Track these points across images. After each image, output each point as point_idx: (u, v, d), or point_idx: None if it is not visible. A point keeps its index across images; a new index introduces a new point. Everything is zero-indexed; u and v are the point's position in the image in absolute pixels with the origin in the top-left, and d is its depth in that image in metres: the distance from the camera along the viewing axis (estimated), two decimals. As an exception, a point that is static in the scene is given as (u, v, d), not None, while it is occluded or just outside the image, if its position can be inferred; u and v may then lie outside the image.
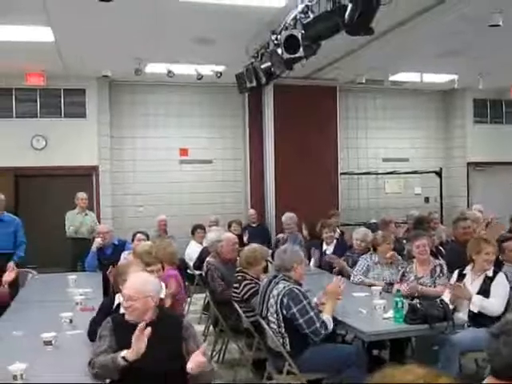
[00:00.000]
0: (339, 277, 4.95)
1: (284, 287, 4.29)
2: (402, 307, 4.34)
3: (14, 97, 10.38)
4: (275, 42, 6.57)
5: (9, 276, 5.49)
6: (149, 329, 3.10)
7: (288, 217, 8.76)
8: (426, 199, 12.78)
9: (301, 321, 4.16)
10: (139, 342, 3.08)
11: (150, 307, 3.38)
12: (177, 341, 3.32)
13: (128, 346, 3.11)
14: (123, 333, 3.23)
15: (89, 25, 7.37)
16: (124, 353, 3.10)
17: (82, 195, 9.08)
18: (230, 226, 9.60)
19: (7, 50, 8.32)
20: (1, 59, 8.88)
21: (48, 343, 3.76)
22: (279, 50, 6.21)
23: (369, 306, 4.74)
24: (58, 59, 9.11)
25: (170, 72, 9.39)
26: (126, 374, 3.11)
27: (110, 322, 3.40)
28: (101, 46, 8.45)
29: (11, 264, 5.83)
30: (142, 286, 3.42)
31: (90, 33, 7.73)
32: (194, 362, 3.14)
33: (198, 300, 7.85)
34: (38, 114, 10.50)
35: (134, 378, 3.10)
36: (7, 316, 4.99)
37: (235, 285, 5.28)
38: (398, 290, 4.76)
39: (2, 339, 4.14)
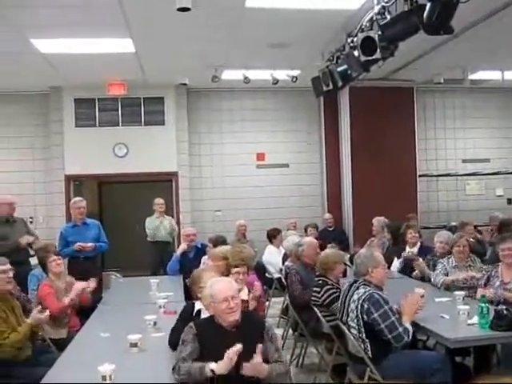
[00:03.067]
0: (421, 290, 4.78)
1: (364, 292, 4.23)
2: (488, 313, 4.20)
3: (96, 106, 10.78)
4: (351, 44, 6.52)
5: (87, 285, 5.65)
6: (240, 346, 3.13)
7: (375, 220, 8.66)
8: (509, 201, 12.32)
9: (382, 326, 4.09)
10: (231, 360, 3.12)
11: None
12: (260, 343, 3.33)
13: (211, 350, 3.16)
14: (206, 337, 3.29)
15: (167, 35, 7.57)
16: (213, 366, 3.15)
17: (158, 201, 9.30)
18: (305, 230, 9.58)
19: (90, 62, 8.68)
20: (84, 71, 9.27)
21: (134, 345, 3.86)
22: (356, 53, 6.17)
23: (451, 312, 4.61)
24: (138, 69, 9.40)
25: (245, 78, 9.49)
26: (212, 379, 3.16)
27: (192, 327, 3.45)
28: (179, 55, 8.65)
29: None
30: (234, 287, 3.50)
31: (169, 42, 7.93)
32: (250, 364, 3.18)
33: (276, 304, 7.88)
34: (120, 123, 10.85)
35: (218, 381, 3.15)
36: (95, 317, 5.20)
37: (316, 289, 5.26)
38: (483, 296, 4.60)
39: (91, 340, 4.33)
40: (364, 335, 4.21)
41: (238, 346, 3.12)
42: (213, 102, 11.44)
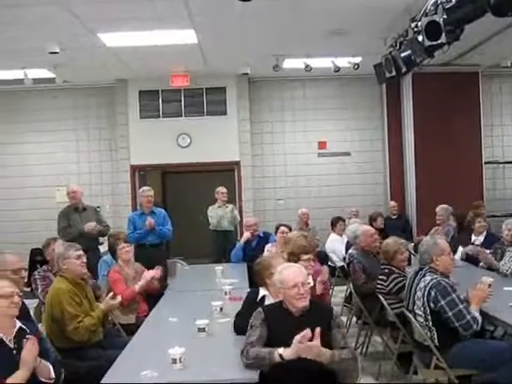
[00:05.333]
0: (488, 279, 4.67)
1: (431, 279, 4.18)
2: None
3: (160, 98, 11.00)
4: (415, 29, 6.43)
5: (149, 274, 5.80)
6: (308, 331, 3.16)
7: (440, 208, 8.50)
8: None
9: (450, 314, 4.04)
10: (300, 344, 3.15)
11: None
12: (328, 330, 3.36)
13: (279, 336, 3.21)
14: (275, 323, 3.34)
15: (229, 25, 7.65)
16: (282, 350, 3.19)
17: (221, 189, 9.35)
18: (374, 219, 9.42)
19: (154, 54, 8.85)
20: (148, 63, 9.47)
21: (202, 330, 3.95)
22: (420, 38, 6.09)
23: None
24: (201, 60, 9.53)
25: (307, 66, 9.46)
26: (280, 364, 3.20)
27: (261, 312, 3.49)
28: (240, 45, 8.72)
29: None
30: (304, 273, 3.53)
31: (231, 32, 8.01)
32: (306, 345, 3.19)
33: (339, 292, 7.87)
34: (183, 114, 11.04)
35: (288, 367, 3.18)
36: (163, 303, 5.35)
37: (381, 277, 5.23)
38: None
39: (160, 325, 4.46)
40: (431, 323, 4.17)
41: (307, 331, 3.15)
42: (274, 91, 11.48)
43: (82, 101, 11.33)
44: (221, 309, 4.57)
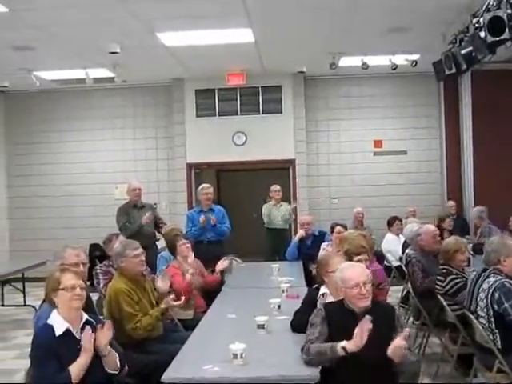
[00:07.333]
0: None
1: (495, 281, 4.09)
2: None
3: (216, 96, 11.10)
4: (476, 25, 6.29)
5: (222, 265, 5.89)
6: (368, 318, 3.15)
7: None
8: None
9: (513, 316, 3.96)
10: (362, 335, 3.13)
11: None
12: (390, 329, 3.34)
13: (340, 334, 3.20)
14: (335, 321, 3.34)
15: (286, 23, 7.66)
16: (344, 343, 3.18)
17: (275, 188, 9.37)
18: (443, 220, 9.12)
19: (211, 53, 8.95)
20: (205, 62, 9.58)
21: (261, 326, 3.98)
22: (482, 34, 5.95)
23: None
24: (257, 58, 9.58)
25: (364, 64, 9.38)
26: (341, 362, 3.19)
27: (322, 310, 3.48)
28: (297, 43, 8.72)
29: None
30: (366, 272, 3.51)
31: (288, 31, 8.01)
32: (395, 344, 3.17)
33: (394, 292, 7.78)
34: (239, 112, 11.12)
35: (348, 365, 3.17)
36: (220, 300, 5.41)
37: (439, 278, 5.15)
38: None
39: (219, 321, 4.51)
40: (494, 325, 4.07)
41: (368, 323, 3.13)
42: (330, 89, 11.43)
43: (139, 99, 11.56)
44: (279, 306, 4.58)
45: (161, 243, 7.42)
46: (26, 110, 11.68)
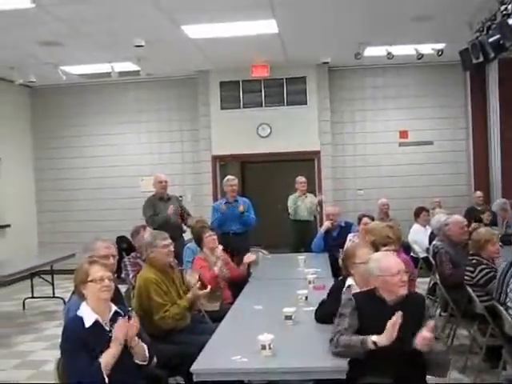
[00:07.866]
0: None
1: (526, 272, 4.08)
2: None
3: (241, 88, 11.10)
4: (504, 12, 6.19)
5: (249, 258, 5.91)
6: (400, 314, 3.14)
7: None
8: None
9: (544, 308, 3.92)
10: (393, 329, 3.12)
11: None
12: (420, 319, 3.32)
13: (371, 324, 3.20)
14: (366, 311, 3.33)
15: (310, 14, 7.61)
16: (375, 338, 3.17)
17: (300, 179, 9.35)
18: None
19: (235, 45, 8.96)
20: (230, 54, 9.59)
21: (288, 318, 3.99)
22: (510, 21, 5.86)
23: None
24: (281, 50, 9.55)
25: (389, 54, 9.30)
26: (369, 353, 3.19)
27: (352, 300, 3.46)
28: (321, 34, 8.68)
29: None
30: (401, 261, 3.50)
31: (312, 21, 7.97)
32: (421, 336, 3.16)
33: (421, 284, 7.73)
34: (263, 104, 11.10)
35: (378, 357, 3.17)
36: (247, 291, 5.44)
37: (469, 268, 5.10)
38: None
39: (246, 312, 4.54)
40: (524, 317, 4.05)
41: (399, 316, 3.12)
42: (355, 80, 11.36)
43: (164, 92, 11.62)
44: (306, 297, 4.59)
45: (187, 235, 7.47)
46: (52, 104, 11.84)
